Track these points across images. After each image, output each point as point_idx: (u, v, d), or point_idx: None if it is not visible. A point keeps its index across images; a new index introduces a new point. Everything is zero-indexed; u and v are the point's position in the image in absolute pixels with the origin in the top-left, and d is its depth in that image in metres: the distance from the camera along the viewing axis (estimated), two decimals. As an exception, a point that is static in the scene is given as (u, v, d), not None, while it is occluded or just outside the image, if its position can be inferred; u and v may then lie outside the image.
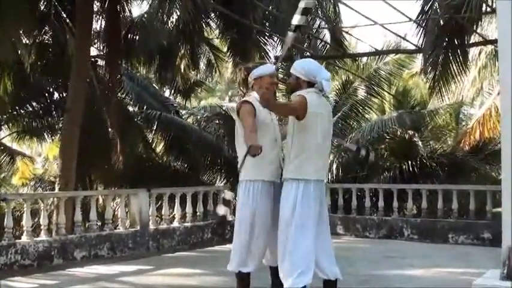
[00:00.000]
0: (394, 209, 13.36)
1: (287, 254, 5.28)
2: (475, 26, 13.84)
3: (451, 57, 14.12)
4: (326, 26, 16.36)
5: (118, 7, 14.94)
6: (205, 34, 17.46)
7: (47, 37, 16.23)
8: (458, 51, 14.11)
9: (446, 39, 13.78)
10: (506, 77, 5.47)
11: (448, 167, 17.14)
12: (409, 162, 17.15)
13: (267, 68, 5.75)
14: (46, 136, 20.08)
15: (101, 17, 15.18)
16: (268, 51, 16.10)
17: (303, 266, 5.22)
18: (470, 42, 15.01)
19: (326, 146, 5.46)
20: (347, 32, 17.00)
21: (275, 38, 15.72)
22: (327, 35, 16.75)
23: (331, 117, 5.75)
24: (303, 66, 5.64)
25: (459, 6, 12.33)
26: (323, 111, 5.49)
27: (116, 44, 15.00)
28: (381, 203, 13.51)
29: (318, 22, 16.37)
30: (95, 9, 14.71)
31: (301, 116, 5.31)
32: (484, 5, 12.20)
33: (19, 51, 13.81)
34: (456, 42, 13.81)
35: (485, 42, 15.40)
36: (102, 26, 15.46)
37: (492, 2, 12.24)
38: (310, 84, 5.50)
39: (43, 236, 10.04)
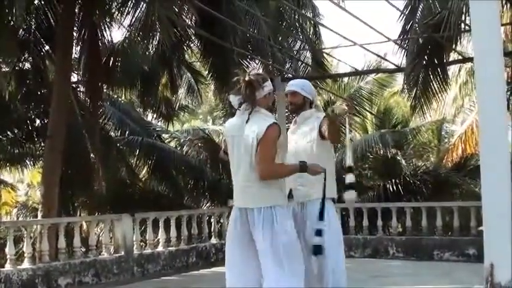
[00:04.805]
0: (379, 227, 13.37)
1: None
2: (453, 44, 13.94)
3: (431, 75, 14.18)
4: (307, 47, 16.42)
5: (98, 33, 14.96)
6: (187, 57, 17.47)
7: (26, 64, 16.16)
8: (438, 69, 14.18)
9: (426, 57, 13.87)
10: (483, 93, 5.53)
11: (432, 184, 17.17)
12: (393, 180, 17.18)
13: (273, 85, 5.17)
14: (28, 163, 19.91)
15: (81, 43, 15.15)
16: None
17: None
18: (450, 60, 15.13)
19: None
20: (328, 54, 17.10)
21: (257, 61, 15.71)
22: (308, 57, 16.80)
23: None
24: (311, 88, 5.72)
25: (438, 25, 12.43)
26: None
27: (96, 69, 15.02)
28: (365, 222, 13.51)
29: (298, 44, 16.43)
30: (75, 35, 14.69)
31: None
32: (462, 24, 12.29)
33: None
34: (435, 61, 13.89)
35: (464, 60, 15.51)
36: (82, 52, 15.43)
37: (470, 21, 12.33)
38: (311, 105, 5.65)
39: (27, 264, 9.92)
